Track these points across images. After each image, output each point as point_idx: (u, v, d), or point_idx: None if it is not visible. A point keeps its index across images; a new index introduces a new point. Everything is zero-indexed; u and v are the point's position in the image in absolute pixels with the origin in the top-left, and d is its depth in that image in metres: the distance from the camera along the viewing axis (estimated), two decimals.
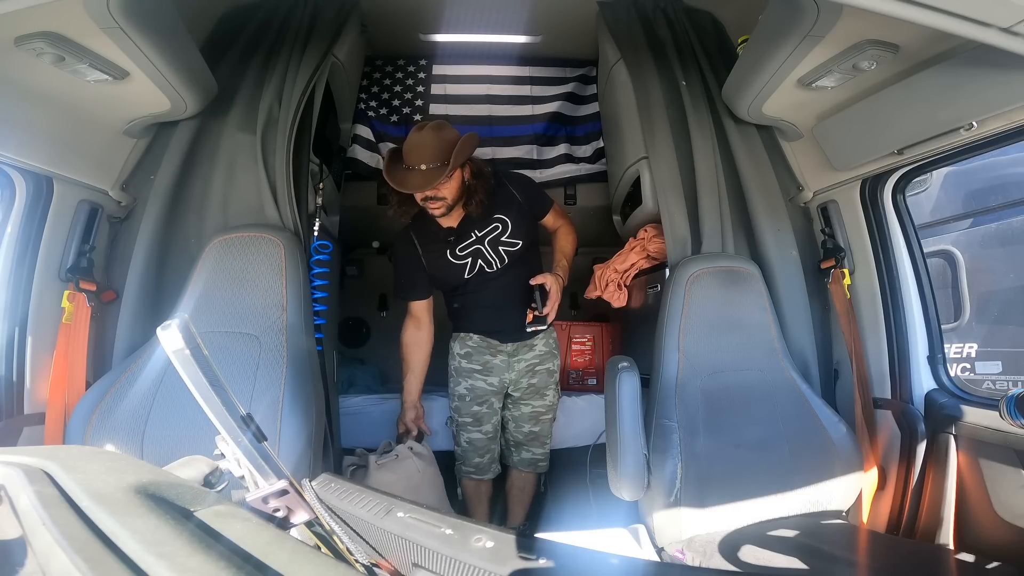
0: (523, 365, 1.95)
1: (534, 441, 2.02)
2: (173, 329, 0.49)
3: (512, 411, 2.01)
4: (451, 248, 1.83)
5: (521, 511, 2.08)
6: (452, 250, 1.84)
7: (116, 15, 1.10)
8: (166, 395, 1.40)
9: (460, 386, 1.95)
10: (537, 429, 2.01)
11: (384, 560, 0.68)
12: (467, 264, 1.85)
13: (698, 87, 1.84)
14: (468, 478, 1.96)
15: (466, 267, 1.85)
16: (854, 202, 1.64)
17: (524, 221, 1.88)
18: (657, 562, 1.35)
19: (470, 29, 2.38)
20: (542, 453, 2.04)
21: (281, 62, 1.76)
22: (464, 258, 1.84)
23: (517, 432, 2.01)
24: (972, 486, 1.35)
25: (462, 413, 1.94)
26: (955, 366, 2.58)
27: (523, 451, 2.02)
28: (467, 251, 1.84)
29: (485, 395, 1.93)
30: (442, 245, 1.84)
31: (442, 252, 1.84)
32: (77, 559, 0.34)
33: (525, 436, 2.01)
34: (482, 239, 1.83)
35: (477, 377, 1.92)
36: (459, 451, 1.97)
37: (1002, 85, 1.07)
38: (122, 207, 1.66)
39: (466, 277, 1.86)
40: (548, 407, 2.01)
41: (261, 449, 0.54)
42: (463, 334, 1.95)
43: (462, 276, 1.85)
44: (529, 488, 2.07)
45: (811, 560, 1.21)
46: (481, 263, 1.85)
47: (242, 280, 1.53)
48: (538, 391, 1.99)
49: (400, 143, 1.77)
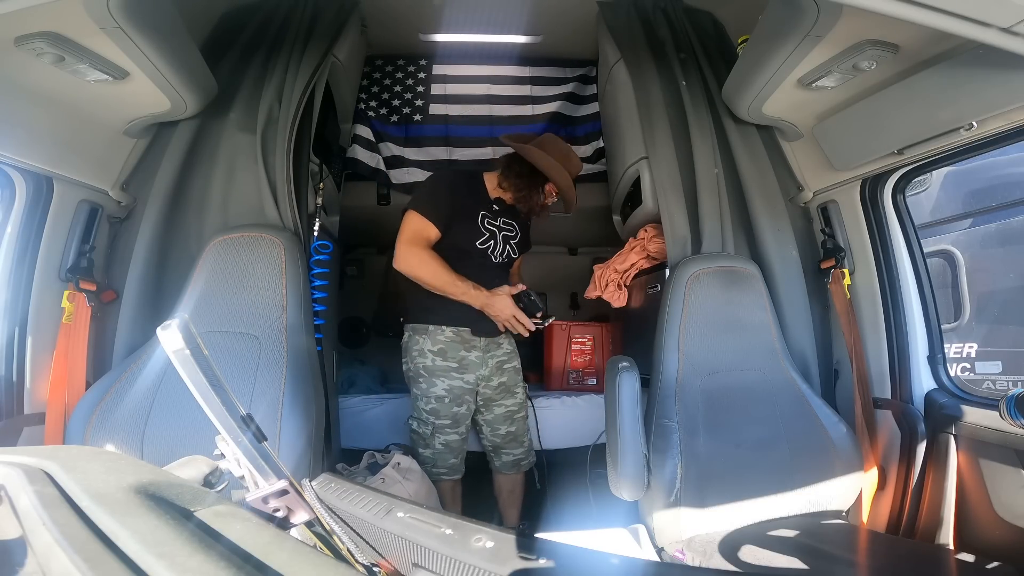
0: (494, 362, 1.95)
1: (512, 442, 2.00)
2: (173, 329, 0.49)
3: (485, 415, 1.98)
4: (485, 214, 1.91)
5: (515, 512, 2.07)
6: (485, 217, 1.91)
7: (116, 15, 1.10)
8: (166, 395, 1.40)
9: (436, 387, 1.85)
10: (513, 429, 2.00)
11: (384, 560, 0.68)
12: (485, 236, 1.91)
13: (698, 87, 1.84)
14: (444, 480, 1.88)
15: (482, 238, 1.90)
16: (854, 202, 1.64)
17: (521, 242, 2.06)
18: (657, 562, 1.35)
19: (470, 29, 2.38)
20: (523, 452, 2.02)
21: (281, 62, 1.76)
22: (486, 231, 1.91)
23: (494, 436, 1.99)
24: (972, 486, 1.35)
25: (440, 415, 1.84)
26: (955, 366, 2.58)
27: (503, 454, 2.00)
28: (491, 228, 1.93)
29: (463, 394, 1.87)
30: (481, 206, 1.92)
31: (477, 210, 1.90)
32: (77, 559, 0.34)
33: (503, 439, 1.99)
34: (501, 230, 1.95)
35: (454, 376, 1.86)
36: (430, 454, 1.86)
37: (1002, 85, 1.07)
38: (122, 207, 1.66)
39: (477, 246, 1.89)
40: (520, 405, 2.02)
41: (261, 449, 0.54)
42: (433, 327, 1.85)
43: (474, 243, 1.88)
44: (518, 489, 2.07)
45: (811, 560, 1.21)
46: (492, 244, 1.92)
47: (242, 280, 1.53)
48: (508, 389, 1.98)
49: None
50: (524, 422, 2.05)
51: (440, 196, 1.83)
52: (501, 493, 2.06)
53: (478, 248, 1.88)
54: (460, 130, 2.65)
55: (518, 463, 2.02)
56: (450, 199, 1.83)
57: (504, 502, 2.06)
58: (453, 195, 1.85)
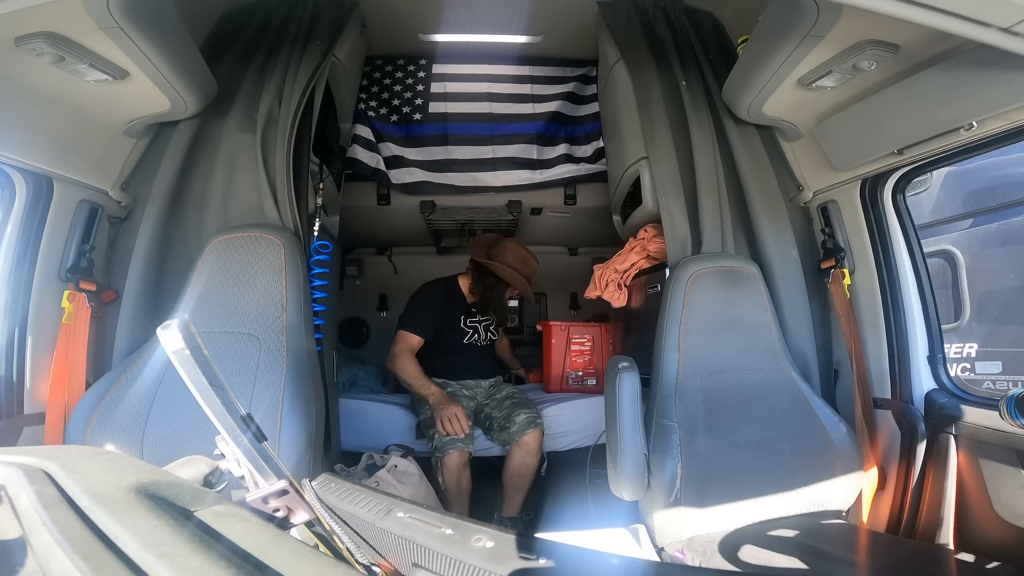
0: (501, 394, 2.34)
1: (519, 407, 2.19)
2: (173, 329, 0.49)
3: (489, 404, 2.31)
4: (466, 316, 2.43)
5: (518, 498, 2.10)
6: (466, 318, 2.43)
7: (116, 15, 1.10)
8: (166, 395, 1.40)
9: None
10: (516, 400, 2.27)
11: (384, 560, 0.68)
12: (469, 333, 2.42)
13: (698, 87, 1.84)
14: (454, 450, 1.98)
15: (467, 334, 2.42)
16: (854, 202, 1.64)
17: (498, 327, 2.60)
18: (657, 562, 1.35)
19: (470, 29, 2.37)
20: (532, 413, 2.17)
21: (281, 62, 1.76)
22: (468, 328, 2.42)
23: (499, 415, 2.21)
24: (972, 486, 1.35)
25: None
26: (955, 366, 2.58)
27: (515, 419, 2.13)
28: (472, 324, 2.44)
29: (463, 398, 2.24)
30: (462, 311, 2.42)
31: (458, 315, 2.42)
32: (77, 559, 0.34)
33: (510, 409, 2.18)
34: (481, 322, 2.47)
35: (455, 386, 2.30)
36: (438, 436, 2.02)
37: (1002, 85, 1.07)
38: (122, 207, 1.66)
39: (464, 342, 2.41)
40: (519, 391, 2.40)
41: (261, 449, 0.54)
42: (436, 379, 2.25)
43: (461, 340, 2.40)
44: (528, 472, 2.09)
45: (811, 560, 1.21)
46: (476, 336, 2.44)
47: (242, 280, 1.53)
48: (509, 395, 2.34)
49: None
50: (526, 398, 2.32)
51: (424, 316, 2.32)
52: (511, 477, 2.09)
53: (464, 344, 2.41)
54: (459, 128, 2.65)
55: (532, 420, 2.13)
56: (432, 316, 2.33)
57: (511, 484, 2.10)
58: (434, 312, 2.34)
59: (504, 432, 2.12)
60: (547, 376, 2.64)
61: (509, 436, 2.09)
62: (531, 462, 2.09)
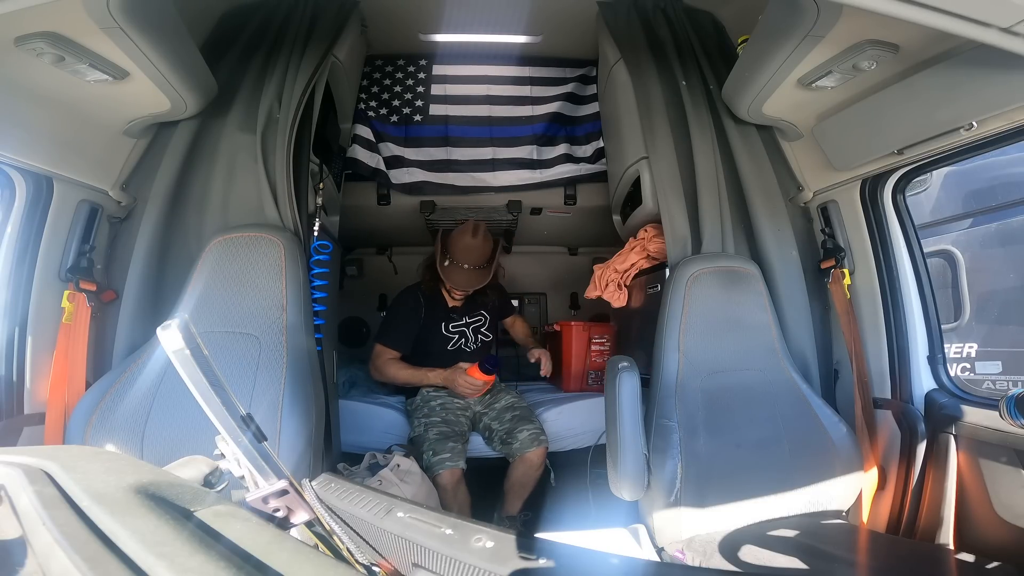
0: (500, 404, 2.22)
1: (522, 421, 2.10)
2: (173, 329, 0.49)
3: (488, 414, 2.19)
4: (447, 322, 2.28)
5: (518, 502, 2.09)
6: (447, 324, 2.28)
7: (116, 15, 1.10)
8: (166, 395, 1.40)
9: (430, 403, 2.13)
10: (519, 412, 2.16)
11: (384, 560, 0.68)
12: (453, 339, 2.29)
13: (698, 87, 1.84)
14: (444, 469, 1.89)
15: (451, 341, 2.29)
16: (854, 202, 1.64)
17: (495, 320, 2.44)
18: (657, 562, 1.35)
19: (470, 29, 2.37)
20: (536, 428, 2.10)
21: (281, 62, 1.76)
22: (453, 334, 2.29)
23: (500, 428, 2.11)
24: (972, 486, 1.35)
25: (432, 414, 2.08)
26: (955, 366, 2.58)
27: (518, 435, 2.06)
28: (456, 329, 2.30)
29: (455, 408, 2.14)
30: (442, 318, 2.28)
31: (438, 323, 2.27)
32: (77, 559, 0.34)
33: (511, 421, 2.10)
34: (468, 324, 2.32)
35: (445, 396, 2.16)
36: (429, 450, 1.94)
37: (1002, 85, 1.07)
38: (122, 207, 1.66)
39: (448, 349, 2.28)
40: (519, 399, 2.26)
41: (261, 449, 0.54)
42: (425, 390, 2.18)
43: (445, 348, 2.28)
44: (529, 483, 2.08)
45: (811, 560, 1.21)
46: (463, 342, 2.31)
47: (242, 280, 1.53)
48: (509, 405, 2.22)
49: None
50: (528, 410, 2.21)
51: (399, 328, 2.23)
52: (514, 486, 2.07)
53: (449, 351, 2.28)
54: (459, 130, 2.65)
55: (536, 438, 2.07)
56: (407, 328, 2.22)
57: (511, 491, 2.08)
58: (409, 323, 2.23)
59: (506, 446, 2.09)
60: (566, 375, 2.62)
61: (511, 451, 2.07)
62: (534, 475, 2.08)
